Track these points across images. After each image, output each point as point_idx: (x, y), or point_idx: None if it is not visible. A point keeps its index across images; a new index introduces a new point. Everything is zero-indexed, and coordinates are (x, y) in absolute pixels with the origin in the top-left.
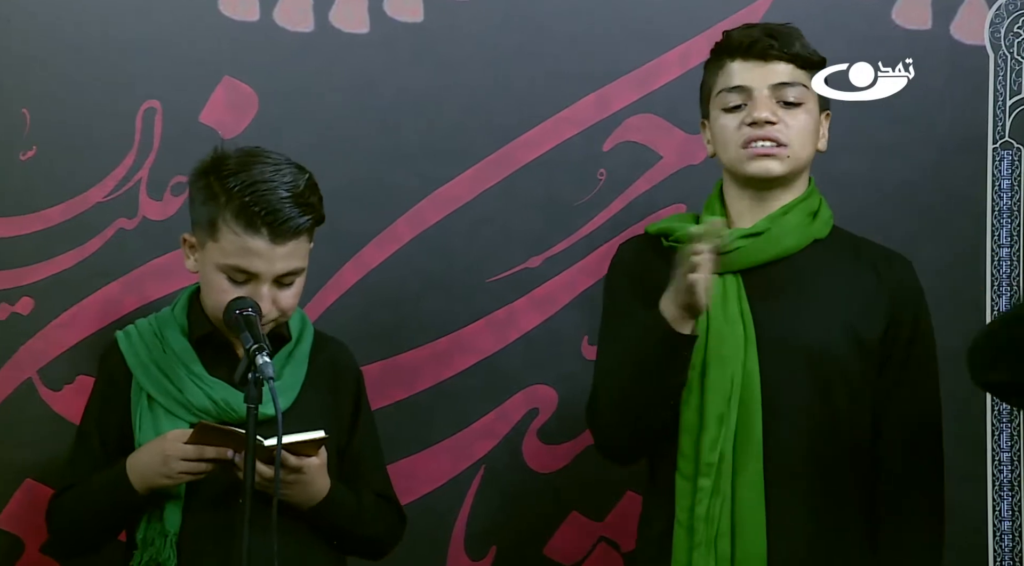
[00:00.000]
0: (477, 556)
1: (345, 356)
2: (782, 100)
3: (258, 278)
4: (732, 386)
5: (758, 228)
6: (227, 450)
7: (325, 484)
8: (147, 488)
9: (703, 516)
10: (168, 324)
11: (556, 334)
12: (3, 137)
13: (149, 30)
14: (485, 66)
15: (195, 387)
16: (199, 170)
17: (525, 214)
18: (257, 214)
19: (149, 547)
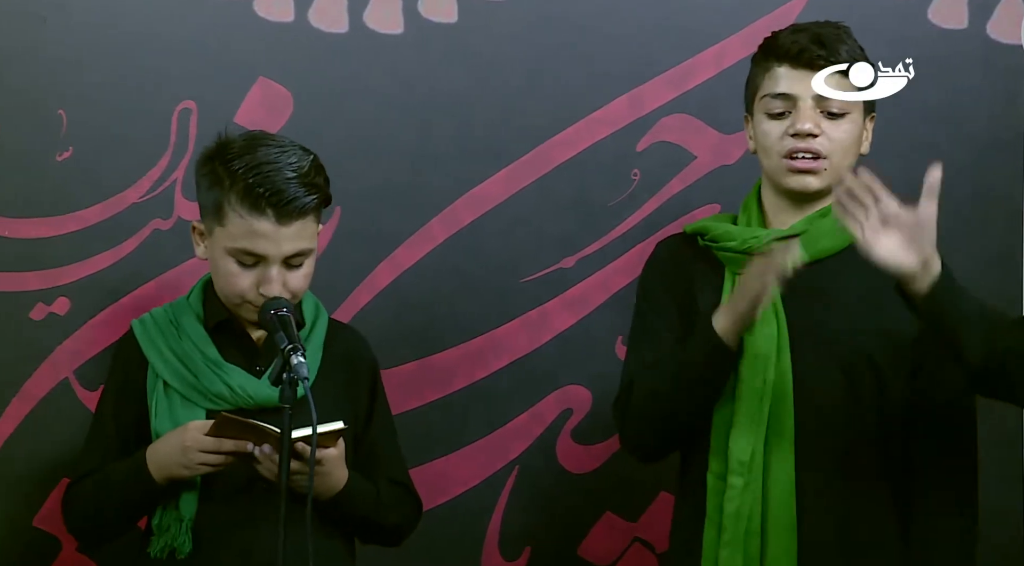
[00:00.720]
0: (511, 556)
1: (360, 344)
2: (826, 110)
3: (266, 260)
4: (764, 386)
5: (795, 230)
6: (246, 443)
7: (343, 475)
8: (166, 478)
9: (734, 514)
10: (183, 311)
11: (590, 334)
12: (39, 138)
13: (184, 31)
14: (519, 66)
15: (211, 373)
16: (205, 156)
17: (559, 214)
18: (262, 195)
19: (165, 533)
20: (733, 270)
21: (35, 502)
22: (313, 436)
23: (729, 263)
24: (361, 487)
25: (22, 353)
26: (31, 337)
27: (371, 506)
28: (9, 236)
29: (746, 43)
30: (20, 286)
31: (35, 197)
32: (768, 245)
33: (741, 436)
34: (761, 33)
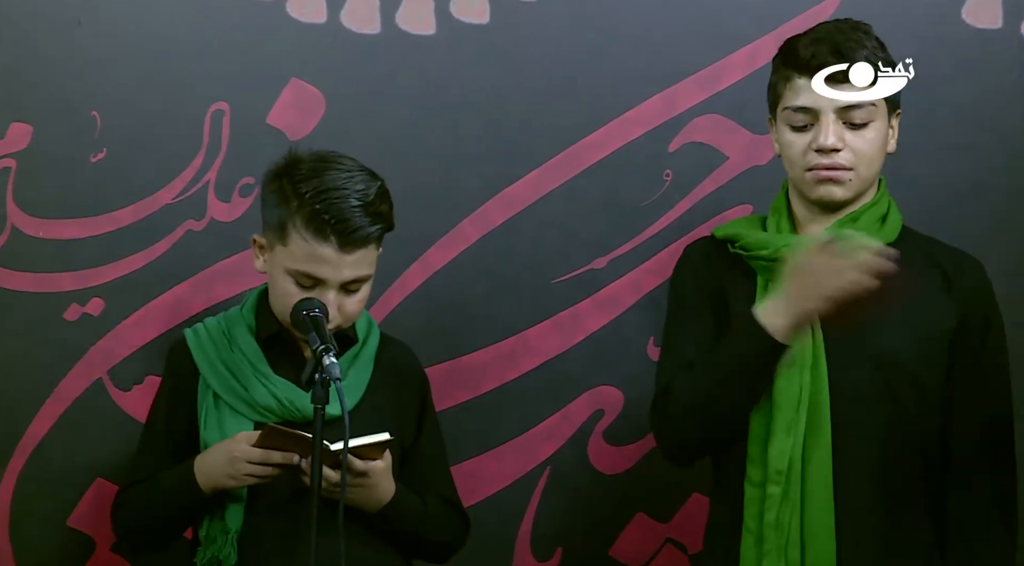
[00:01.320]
0: (543, 557)
1: (410, 359)
2: (849, 122)
3: (325, 284)
4: (801, 394)
5: None
6: (293, 455)
7: (390, 488)
8: (212, 488)
9: (773, 523)
10: (236, 323)
11: (621, 335)
12: (73, 139)
13: (217, 32)
14: (551, 67)
15: (260, 386)
16: (272, 172)
17: (590, 215)
18: (327, 222)
19: (211, 544)
20: (765, 278)
21: (69, 502)
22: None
23: (761, 271)
24: (408, 501)
25: (56, 354)
26: (65, 338)
27: (418, 521)
28: (43, 237)
29: (778, 43)
30: (54, 287)
31: (69, 198)
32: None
33: (778, 445)
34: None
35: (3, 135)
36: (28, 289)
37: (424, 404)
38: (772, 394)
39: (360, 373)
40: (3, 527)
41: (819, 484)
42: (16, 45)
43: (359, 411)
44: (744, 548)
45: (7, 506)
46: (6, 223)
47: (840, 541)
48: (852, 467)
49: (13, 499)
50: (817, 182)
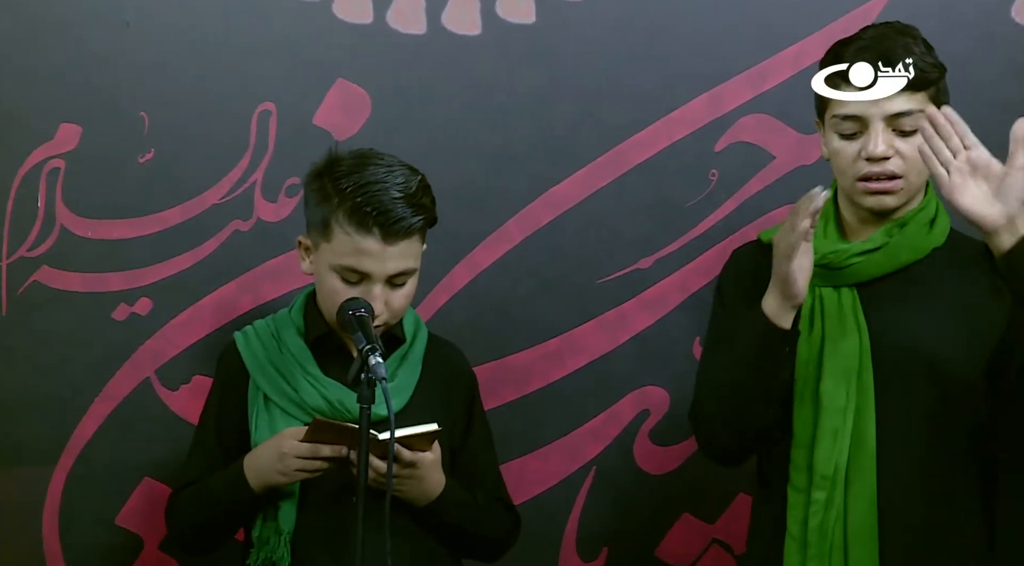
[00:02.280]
0: (589, 557)
1: (459, 359)
2: (899, 129)
3: (370, 278)
4: (847, 399)
5: (875, 243)
6: (342, 448)
7: (440, 480)
8: (263, 486)
9: (817, 529)
10: (285, 325)
11: (667, 335)
12: (122, 140)
13: (264, 33)
14: (597, 67)
15: (310, 387)
16: (313, 172)
17: (636, 215)
18: (369, 214)
19: (264, 546)
20: (812, 282)
21: (118, 501)
22: (391, 435)
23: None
24: (458, 495)
25: (105, 353)
26: (114, 337)
27: (469, 516)
28: (92, 237)
29: (827, 42)
30: (103, 287)
31: (117, 199)
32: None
33: (824, 450)
34: (841, 32)
35: (52, 136)
36: (77, 289)
37: (473, 404)
38: (818, 399)
39: (409, 373)
40: (53, 526)
41: (863, 490)
42: (65, 47)
43: (408, 411)
44: (787, 554)
45: (56, 505)
46: (55, 223)
47: (883, 547)
48: (896, 473)
49: (62, 498)
50: (868, 193)
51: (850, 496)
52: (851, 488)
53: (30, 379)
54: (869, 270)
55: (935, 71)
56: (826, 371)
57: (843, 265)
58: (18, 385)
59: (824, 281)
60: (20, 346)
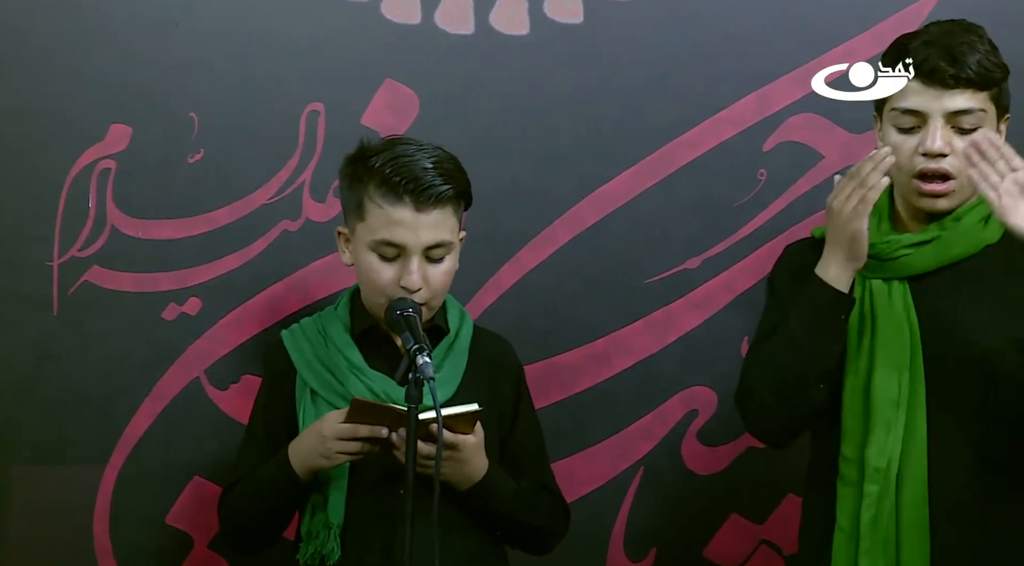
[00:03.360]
0: (637, 557)
1: (505, 349)
2: (958, 126)
3: (406, 251)
4: (899, 392)
5: (928, 235)
6: (381, 428)
7: (482, 464)
8: (308, 471)
9: (871, 522)
10: (331, 321)
11: (715, 335)
12: (172, 140)
13: (313, 34)
14: (644, 66)
15: (356, 380)
16: (346, 161)
17: (684, 215)
18: (399, 184)
19: (314, 540)
20: (863, 274)
21: (168, 500)
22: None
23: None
24: (501, 479)
25: (155, 353)
26: (163, 337)
27: (512, 501)
28: (142, 237)
29: (876, 41)
30: (152, 287)
31: (167, 199)
32: None
33: (878, 443)
34: (890, 32)
35: (103, 136)
36: (127, 289)
37: (520, 395)
38: (870, 392)
39: (455, 364)
40: (103, 525)
41: (915, 483)
42: (115, 47)
43: (454, 402)
44: (837, 547)
45: (107, 504)
46: (106, 224)
47: (935, 540)
48: (947, 466)
49: (113, 497)
50: (921, 194)
51: (902, 490)
52: (903, 482)
53: (81, 378)
54: (919, 263)
55: (999, 71)
56: (878, 364)
57: (893, 256)
58: (69, 384)
59: (874, 273)
60: (71, 346)
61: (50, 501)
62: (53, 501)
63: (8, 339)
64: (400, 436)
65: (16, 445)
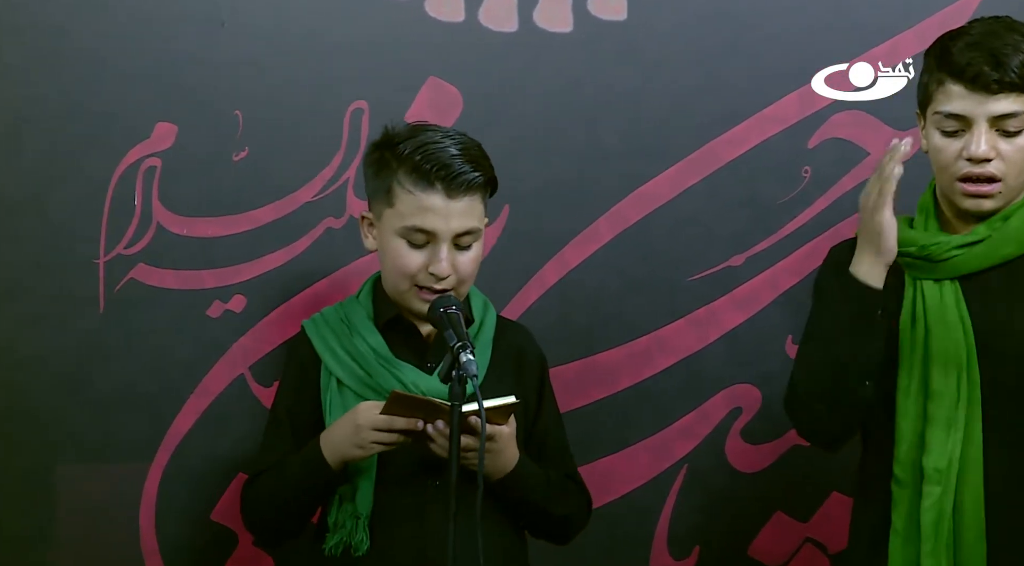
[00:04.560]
0: (680, 556)
1: (528, 340)
2: (1002, 129)
3: (436, 238)
4: (958, 391)
5: (977, 236)
6: (417, 421)
7: (514, 454)
8: (340, 461)
9: (933, 523)
10: (354, 310)
11: (758, 333)
12: (217, 138)
13: (357, 32)
14: (688, 64)
15: (383, 370)
16: (371, 146)
17: (727, 212)
18: (430, 171)
19: (340, 530)
20: (913, 275)
21: (213, 496)
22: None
23: (909, 268)
24: (532, 471)
25: (200, 350)
26: (208, 334)
27: (541, 492)
28: (187, 235)
29: (920, 38)
30: (197, 284)
31: (212, 196)
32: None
33: (938, 443)
34: (935, 29)
35: (148, 135)
36: (172, 286)
37: (543, 385)
38: (928, 392)
39: (480, 354)
40: (149, 521)
41: (972, 484)
42: (161, 46)
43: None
44: (892, 549)
45: (153, 501)
46: (151, 221)
47: (990, 542)
48: (1003, 466)
49: (158, 494)
50: (966, 196)
51: (960, 490)
52: (961, 482)
53: (127, 376)
54: (970, 263)
55: None
56: (934, 364)
57: (944, 257)
58: (115, 382)
59: (925, 274)
60: (117, 343)
61: (96, 499)
62: (99, 499)
63: (55, 336)
64: (436, 428)
65: (62, 443)
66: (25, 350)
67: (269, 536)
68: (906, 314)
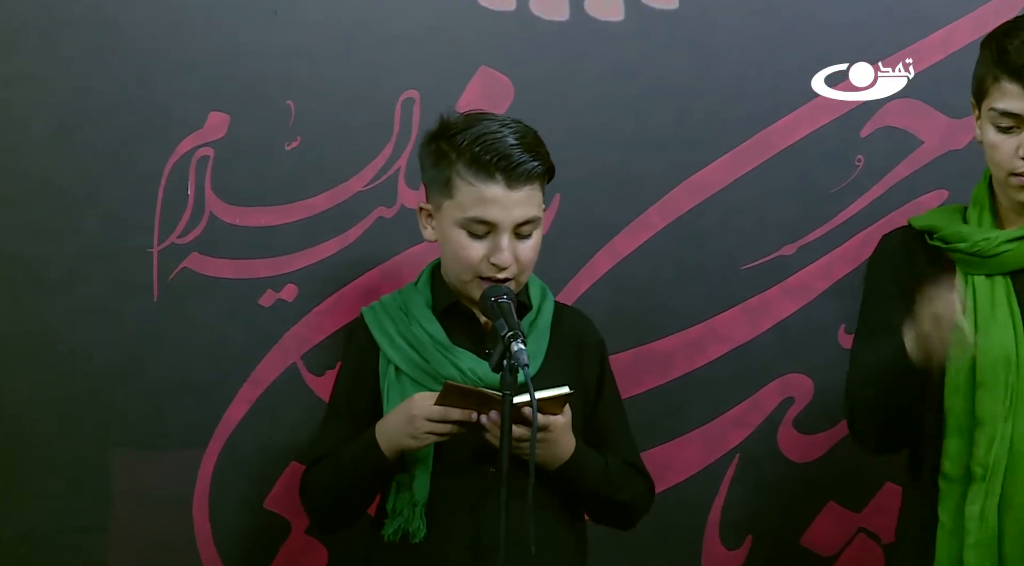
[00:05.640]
0: (732, 545)
1: (587, 326)
2: None
3: (497, 228)
4: (1007, 388)
5: None
6: (472, 412)
7: (570, 444)
8: (395, 451)
9: (978, 517)
10: (412, 297)
11: (811, 322)
12: (269, 128)
13: (408, 21)
14: (740, 52)
15: (441, 357)
16: (428, 136)
17: (780, 201)
18: (490, 162)
19: (398, 517)
20: (965, 270)
21: (266, 484)
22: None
23: (960, 264)
24: (589, 458)
25: (252, 339)
26: (261, 323)
27: (600, 479)
28: (240, 224)
29: (976, 26)
30: (250, 273)
31: (264, 186)
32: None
33: (987, 438)
34: (991, 17)
35: (202, 124)
36: (225, 275)
37: (603, 370)
38: (975, 389)
39: (538, 341)
40: (203, 509)
41: (1019, 478)
42: (214, 36)
43: (539, 378)
44: (940, 542)
45: (206, 488)
46: (204, 211)
47: None
48: None
49: (212, 481)
50: (1020, 188)
51: (1007, 485)
52: (1009, 477)
53: (180, 364)
54: (1021, 259)
55: None
56: (984, 360)
57: (994, 253)
58: (169, 370)
59: (976, 269)
60: (170, 332)
61: (150, 486)
62: (153, 486)
63: (110, 325)
64: (491, 419)
65: (117, 430)
66: (81, 339)
67: (327, 522)
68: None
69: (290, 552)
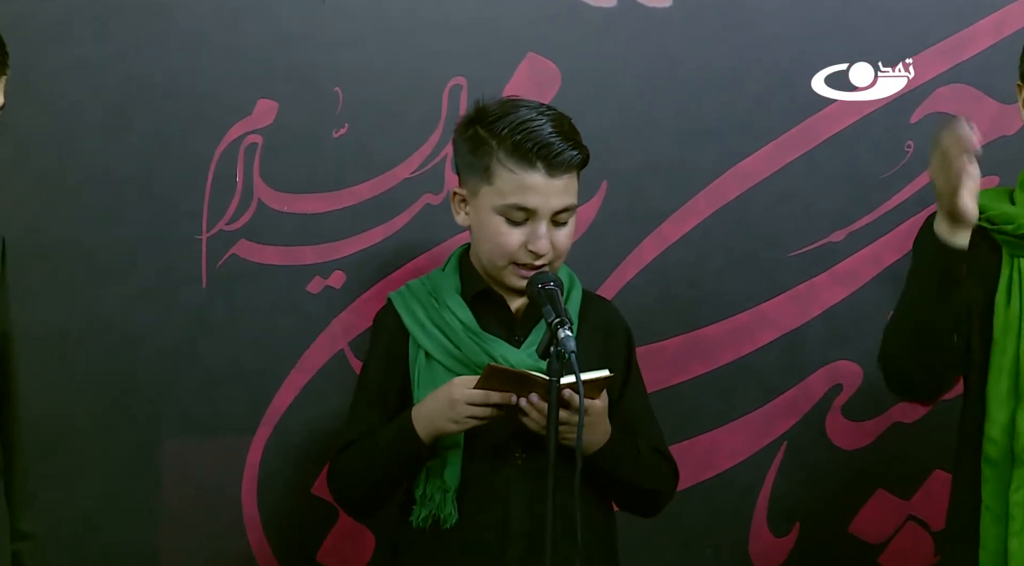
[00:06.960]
0: (780, 532)
1: (614, 314)
2: None
3: (535, 215)
4: None
5: None
6: (511, 395)
7: (607, 429)
8: (432, 435)
9: (1020, 502)
10: (441, 283)
11: (860, 309)
12: (317, 115)
13: (455, 8)
14: (788, 39)
15: (472, 344)
16: (464, 122)
17: (828, 188)
18: (531, 150)
19: (428, 502)
20: (1010, 252)
21: (313, 470)
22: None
23: (1006, 245)
24: (623, 444)
25: (300, 325)
26: (309, 310)
27: (632, 465)
28: (288, 211)
29: None
30: (298, 260)
31: (312, 173)
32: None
33: None
34: None
35: (250, 111)
36: (273, 262)
37: (629, 358)
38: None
39: None
40: (251, 494)
41: None
42: (263, 24)
43: None
44: (984, 527)
45: (255, 474)
46: (253, 197)
47: None
48: None
49: (260, 467)
50: None
51: None
52: None
53: (229, 350)
54: None
55: None
56: None
57: None
58: (218, 356)
59: (1022, 251)
60: (220, 318)
61: (200, 471)
62: (203, 471)
63: (160, 312)
64: (530, 402)
65: (168, 416)
66: (131, 325)
67: (357, 508)
68: (1001, 292)
69: (338, 537)
